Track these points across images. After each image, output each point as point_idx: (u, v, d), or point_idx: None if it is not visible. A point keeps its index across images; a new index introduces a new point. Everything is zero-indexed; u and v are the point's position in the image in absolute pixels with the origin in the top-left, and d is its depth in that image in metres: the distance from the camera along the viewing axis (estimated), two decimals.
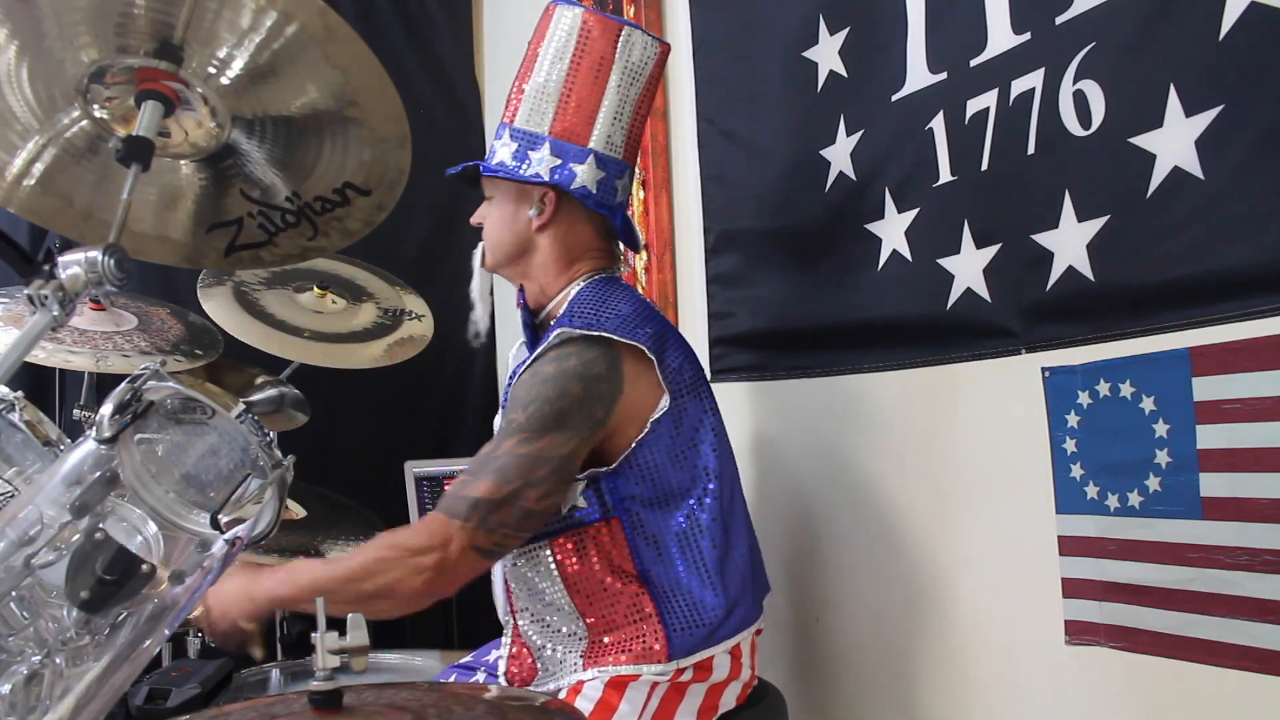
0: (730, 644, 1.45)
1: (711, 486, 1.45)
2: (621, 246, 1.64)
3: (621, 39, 1.52)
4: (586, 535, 1.43)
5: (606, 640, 1.43)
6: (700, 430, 1.46)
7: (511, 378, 1.50)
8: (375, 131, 1.17)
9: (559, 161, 1.50)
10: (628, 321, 1.42)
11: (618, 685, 1.41)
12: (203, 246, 1.29)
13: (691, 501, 1.44)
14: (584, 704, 1.40)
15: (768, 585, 1.59)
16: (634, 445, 1.41)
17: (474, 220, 1.62)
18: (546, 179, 1.50)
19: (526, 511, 1.37)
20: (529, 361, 1.44)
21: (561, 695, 1.44)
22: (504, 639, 1.57)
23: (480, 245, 1.63)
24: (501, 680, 1.55)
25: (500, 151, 1.53)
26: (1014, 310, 1.42)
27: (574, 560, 1.44)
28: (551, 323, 1.50)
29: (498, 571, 1.63)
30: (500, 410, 1.60)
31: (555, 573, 1.45)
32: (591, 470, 1.41)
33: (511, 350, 1.68)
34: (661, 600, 1.42)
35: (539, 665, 1.50)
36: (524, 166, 1.50)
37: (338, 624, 0.86)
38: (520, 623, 1.52)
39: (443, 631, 2.61)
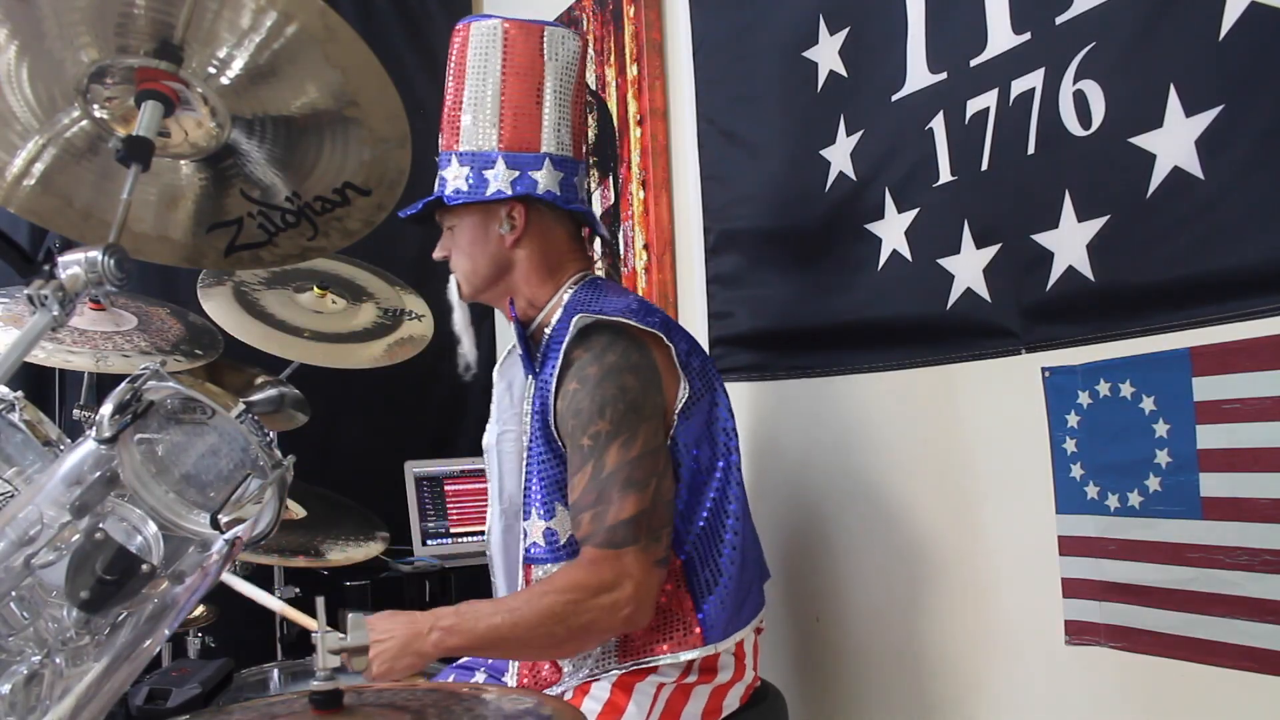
0: (733, 641, 1.44)
1: (734, 473, 1.46)
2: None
3: (546, 39, 1.50)
4: None
5: (641, 629, 1.43)
6: (717, 410, 1.47)
7: (542, 393, 1.45)
8: (375, 131, 1.17)
9: (517, 173, 1.49)
10: (635, 312, 1.42)
11: (625, 686, 1.41)
12: (203, 246, 1.29)
13: (718, 485, 1.45)
14: (591, 705, 1.40)
15: (768, 571, 1.59)
16: (671, 430, 1.41)
17: (437, 255, 1.60)
18: (510, 193, 1.49)
19: (669, 503, 1.39)
20: (556, 370, 1.42)
21: (568, 696, 1.44)
22: None
23: (452, 279, 1.61)
24: (511, 682, 1.54)
25: (453, 180, 1.51)
26: (1014, 310, 1.42)
27: None
28: (546, 330, 1.50)
29: (499, 567, 1.62)
30: (495, 425, 1.59)
31: None
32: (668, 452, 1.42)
33: (498, 364, 1.67)
34: (695, 586, 1.42)
35: (564, 664, 1.49)
36: (484, 187, 1.50)
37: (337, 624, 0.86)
38: None
39: None
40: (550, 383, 1.43)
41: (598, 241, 2.32)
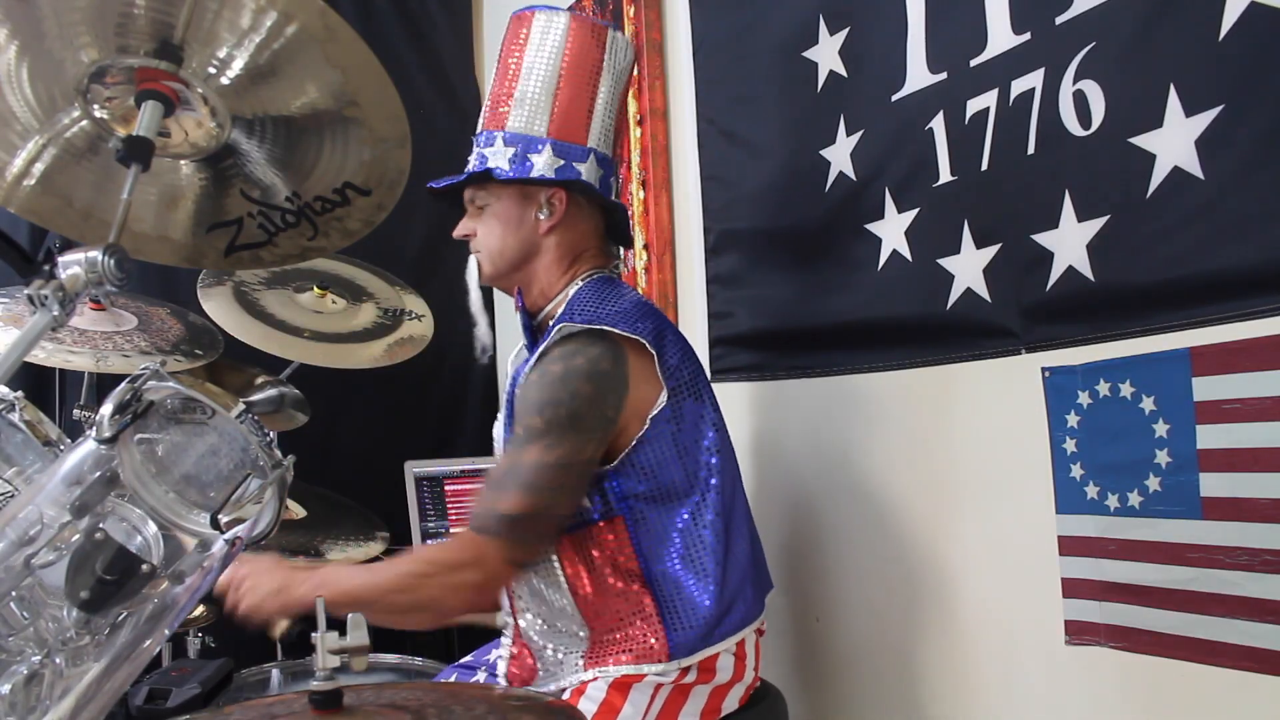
0: (733, 641, 1.45)
1: (714, 483, 1.45)
2: (618, 247, 1.65)
3: (609, 42, 1.54)
4: (590, 534, 1.43)
5: (607, 640, 1.43)
6: (701, 427, 1.46)
7: (514, 380, 1.50)
8: (375, 131, 1.17)
9: (563, 162, 1.50)
10: (627, 316, 1.42)
11: (621, 687, 1.41)
12: (203, 246, 1.29)
13: (694, 499, 1.44)
14: (587, 705, 1.40)
15: (770, 582, 1.59)
16: (635, 443, 1.41)
17: (459, 233, 1.59)
18: (554, 178, 1.50)
19: (557, 519, 1.40)
20: (532, 361, 1.44)
21: (565, 696, 1.44)
22: (504, 639, 1.57)
23: (472, 260, 1.61)
24: (502, 681, 1.55)
25: (495, 158, 1.51)
26: (1014, 310, 1.42)
27: (578, 560, 1.43)
28: (550, 323, 1.50)
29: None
30: (502, 416, 1.60)
31: (559, 573, 1.44)
32: (595, 469, 1.41)
33: (510, 355, 1.68)
34: (662, 599, 1.42)
35: (539, 666, 1.50)
36: (529, 169, 1.50)
37: (338, 624, 0.86)
38: (521, 624, 1.52)
39: (444, 638, 2.61)
40: (524, 371, 1.45)
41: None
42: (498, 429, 1.66)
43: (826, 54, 1.76)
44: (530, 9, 1.56)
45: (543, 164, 1.50)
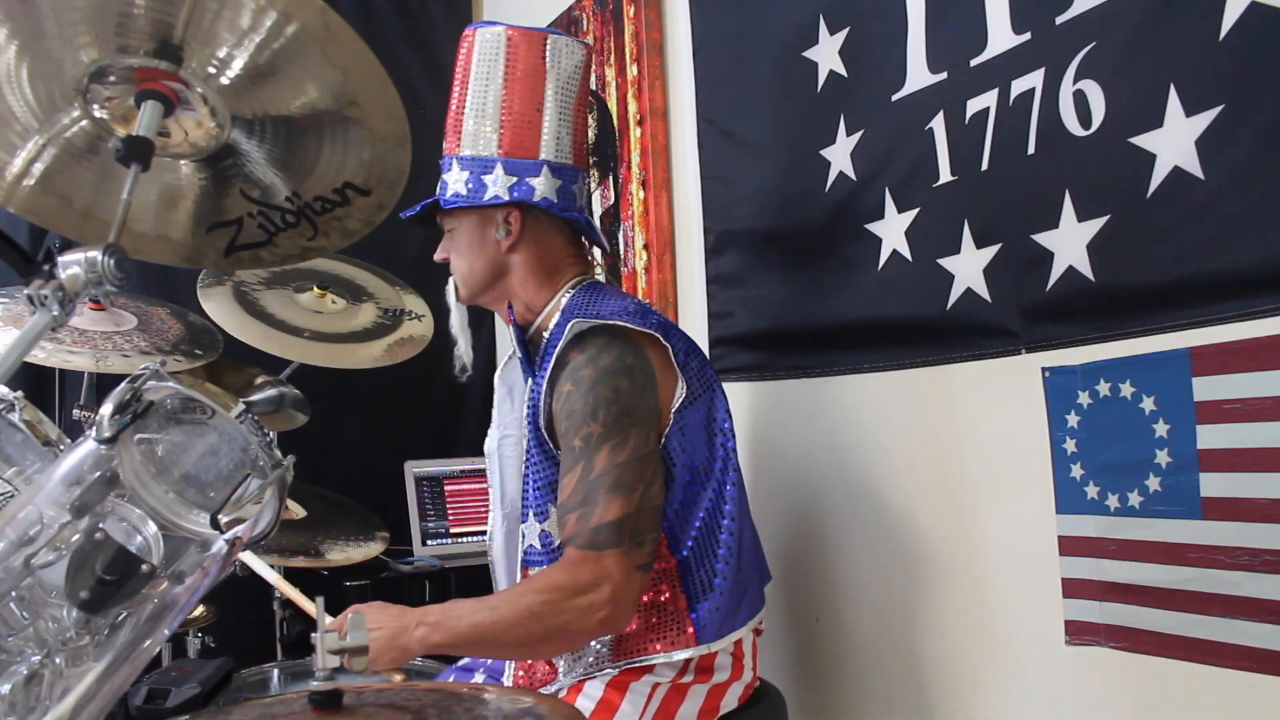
0: (731, 640, 1.44)
1: (732, 474, 1.47)
2: (593, 251, 1.65)
3: (549, 47, 1.52)
4: None
5: (635, 628, 1.43)
6: (715, 414, 1.48)
7: (534, 397, 1.47)
8: (375, 131, 1.17)
9: (515, 179, 1.50)
10: (633, 314, 1.43)
11: (619, 685, 1.41)
12: (203, 246, 1.29)
13: (714, 484, 1.45)
14: (585, 703, 1.40)
15: (769, 573, 1.59)
16: (666, 432, 1.42)
17: (438, 257, 1.61)
18: (507, 199, 1.50)
19: (656, 508, 1.39)
20: (549, 371, 1.43)
21: (562, 695, 1.44)
22: None
23: (450, 280, 1.62)
24: (508, 684, 1.54)
25: (453, 184, 1.52)
26: (1014, 310, 1.42)
27: None
28: (545, 334, 1.50)
29: (501, 572, 1.62)
30: (497, 430, 1.60)
31: None
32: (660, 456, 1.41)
33: (499, 370, 1.67)
34: (690, 587, 1.42)
35: (559, 663, 1.49)
36: (482, 192, 1.50)
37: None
38: None
39: None
40: (543, 384, 1.44)
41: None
42: (490, 443, 1.66)
43: (826, 54, 1.76)
44: (472, 27, 1.55)
45: (495, 184, 1.50)
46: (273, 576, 1.84)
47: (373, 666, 1.34)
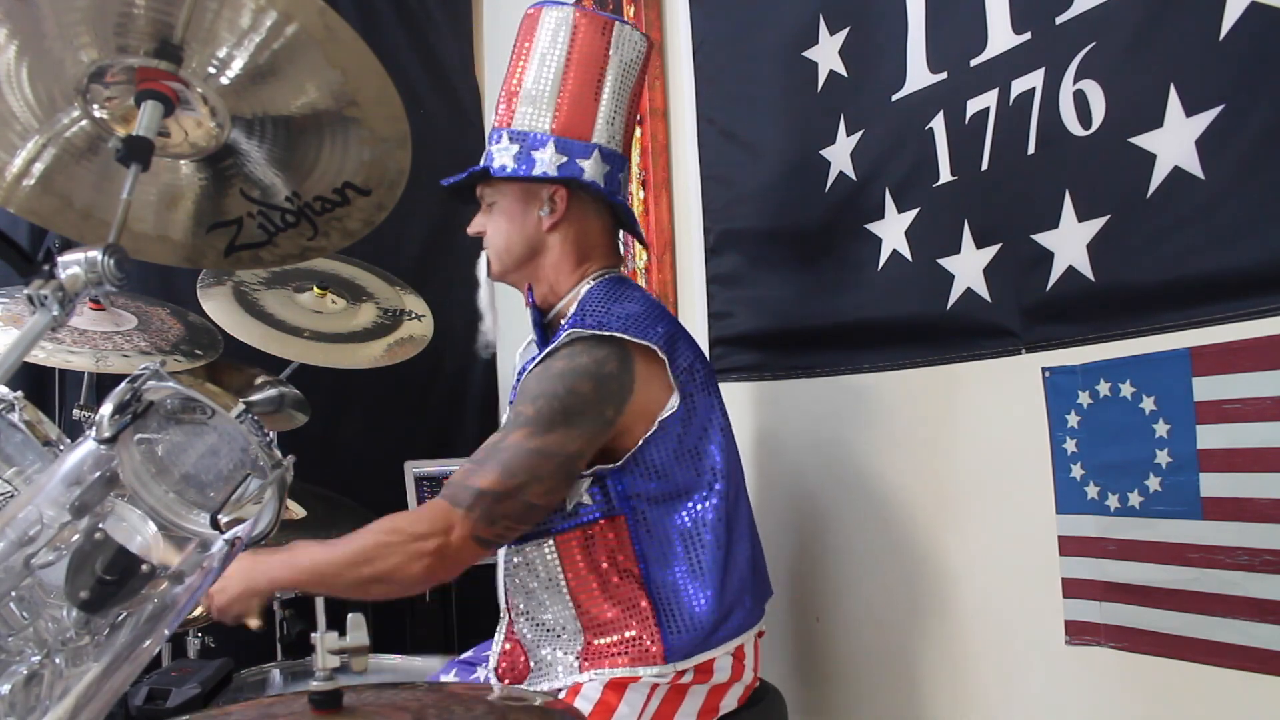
0: (731, 646, 1.45)
1: (718, 487, 1.45)
2: (627, 242, 1.64)
3: (614, 35, 1.53)
4: (591, 532, 1.43)
5: (603, 642, 1.43)
6: (709, 429, 1.46)
7: (520, 374, 1.49)
8: (375, 131, 1.17)
9: (565, 159, 1.50)
10: (639, 321, 1.42)
11: (617, 687, 1.41)
12: (203, 246, 1.29)
13: (697, 501, 1.44)
14: (583, 704, 1.40)
15: (770, 589, 1.59)
16: (641, 443, 1.41)
17: (472, 230, 1.60)
18: (555, 175, 1.50)
19: (529, 505, 1.38)
20: (539, 357, 1.44)
21: (561, 695, 1.44)
22: (498, 634, 1.57)
23: (483, 255, 1.62)
24: (492, 676, 1.55)
25: (500, 155, 1.52)
26: (1014, 310, 1.42)
27: (577, 558, 1.43)
28: (562, 321, 1.50)
29: (500, 568, 1.62)
30: (509, 405, 1.60)
31: (558, 571, 1.44)
32: (598, 467, 1.41)
33: (519, 350, 1.68)
34: (659, 602, 1.42)
35: (532, 664, 1.50)
36: (531, 167, 1.50)
37: (338, 624, 0.86)
38: (516, 622, 1.52)
39: (442, 636, 2.61)
40: (532, 364, 1.45)
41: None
42: (506, 413, 1.66)
43: (826, 54, 1.76)
44: (539, 4, 1.56)
45: (545, 161, 1.50)
46: None
47: (229, 609, 1.36)
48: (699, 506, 1.44)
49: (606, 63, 1.52)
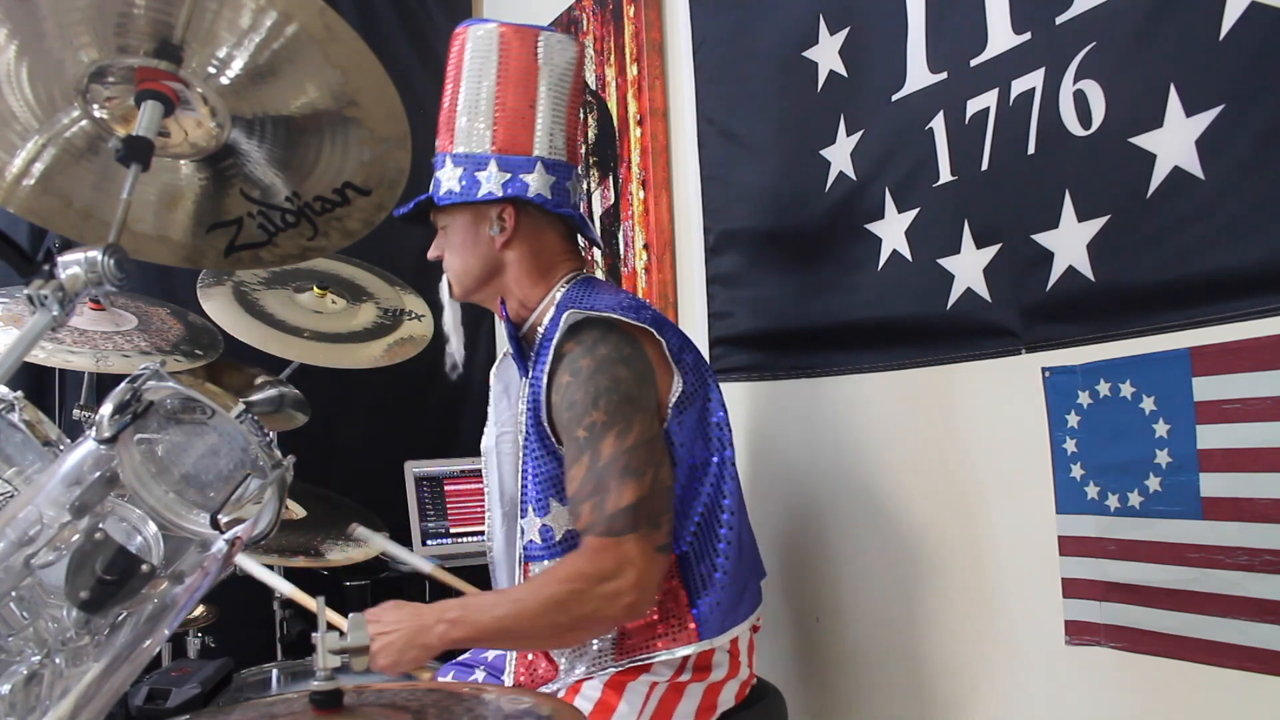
0: (728, 638, 1.44)
1: (729, 468, 1.46)
2: (586, 247, 1.64)
3: (541, 44, 1.52)
4: None
5: (637, 625, 1.42)
6: (710, 408, 1.48)
7: (534, 392, 1.45)
8: (375, 131, 1.17)
9: (509, 176, 1.50)
10: (626, 309, 1.43)
11: (617, 685, 1.41)
12: (203, 246, 1.29)
13: (711, 481, 1.45)
14: (583, 703, 1.40)
15: (763, 569, 1.59)
16: (664, 424, 1.41)
17: (431, 255, 1.61)
18: (500, 195, 1.50)
19: (668, 489, 1.39)
20: (548, 363, 1.43)
21: (560, 694, 1.44)
22: None
23: (444, 278, 1.62)
24: (508, 682, 1.54)
25: (446, 180, 1.52)
26: (1014, 310, 1.42)
27: None
28: (540, 330, 1.50)
29: (502, 571, 1.62)
30: (494, 427, 1.60)
31: None
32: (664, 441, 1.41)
33: (494, 368, 1.67)
34: (690, 582, 1.42)
35: (560, 660, 1.49)
36: (475, 189, 1.50)
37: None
38: None
39: None
40: (542, 378, 1.43)
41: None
42: (487, 441, 1.65)
43: (826, 54, 1.75)
44: (464, 25, 1.55)
45: (489, 180, 1.50)
46: (268, 576, 1.84)
47: (397, 668, 1.33)
48: (715, 486, 1.45)
49: (538, 73, 1.51)
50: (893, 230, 1.63)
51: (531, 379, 1.47)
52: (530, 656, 1.53)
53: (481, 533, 1.77)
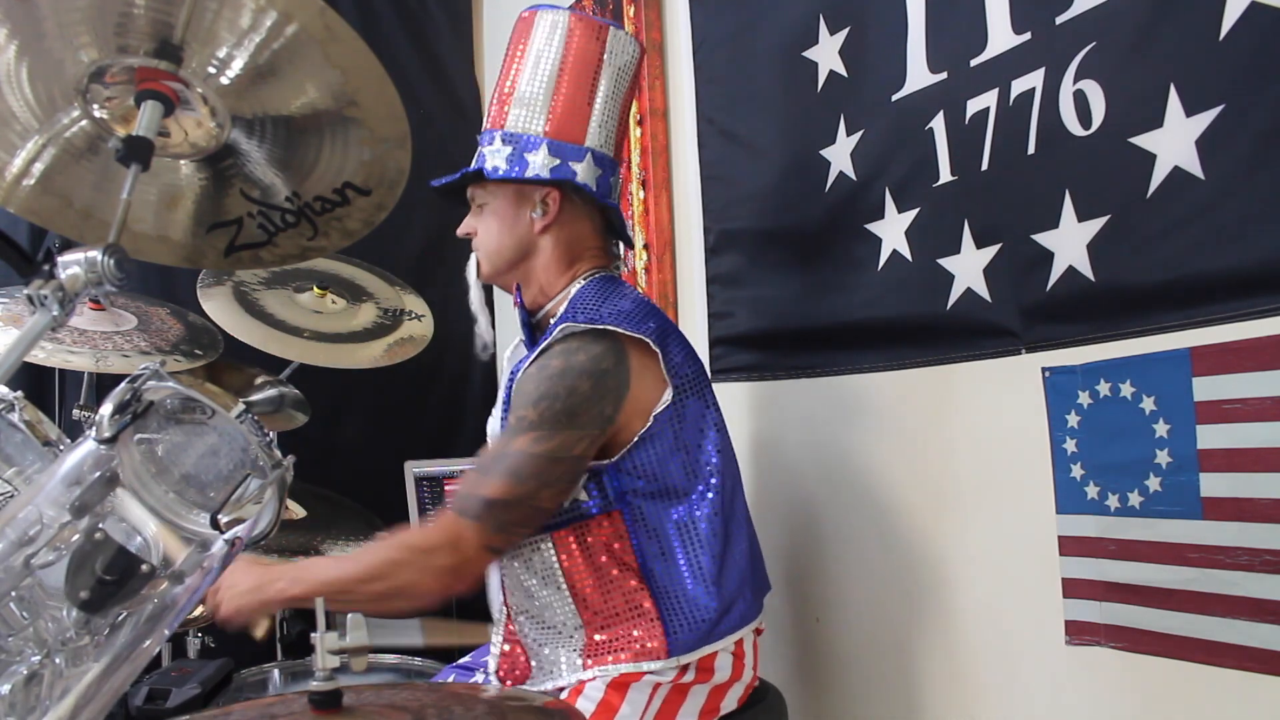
0: (732, 640, 1.44)
1: (714, 482, 1.45)
2: (619, 246, 1.65)
3: (609, 40, 1.53)
4: (588, 528, 1.43)
5: (604, 638, 1.43)
6: (703, 426, 1.46)
7: (513, 375, 1.49)
8: (375, 131, 1.17)
9: (558, 161, 1.50)
10: (630, 316, 1.42)
11: (619, 686, 1.41)
12: (203, 246, 1.29)
13: (694, 497, 1.44)
14: (585, 705, 1.40)
15: (768, 584, 1.59)
16: (637, 439, 1.41)
17: (462, 232, 1.61)
18: (548, 178, 1.50)
19: (538, 510, 1.39)
20: (532, 357, 1.44)
21: (563, 696, 1.44)
22: (495, 637, 1.57)
23: (473, 257, 1.62)
24: (492, 678, 1.55)
25: (493, 157, 1.52)
26: (1014, 310, 1.42)
27: (575, 553, 1.43)
28: (552, 321, 1.50)
29: (494, 569, 1.62)
30: (499, 410, 1.60)
31: (556, 567, 1.44)
32: (594, 463, 1.41)
33: (507, 351, 1.68)
34: (660, 596, 1.42)
35: (534, 664, 1.50)
36: (524, 169, 1.50)
37: (337, 624, 0.86)
38: (516, 621, 1.52)
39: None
40: (524, 365, 1.45)
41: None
42: (492, 424, 1.65)
43: (826, 54, 1.76)
44: (533, 9, 1.56)
45: (538, 163, 1.50)
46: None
47: (237, 615, 1.37)
48: (695, 503, 1.44)
49: (601, 67, 1.53)
50: (893, 230, 1.63)
51: (519, 364, 1.48)
52: (507, 648, 1.54)
53: None
